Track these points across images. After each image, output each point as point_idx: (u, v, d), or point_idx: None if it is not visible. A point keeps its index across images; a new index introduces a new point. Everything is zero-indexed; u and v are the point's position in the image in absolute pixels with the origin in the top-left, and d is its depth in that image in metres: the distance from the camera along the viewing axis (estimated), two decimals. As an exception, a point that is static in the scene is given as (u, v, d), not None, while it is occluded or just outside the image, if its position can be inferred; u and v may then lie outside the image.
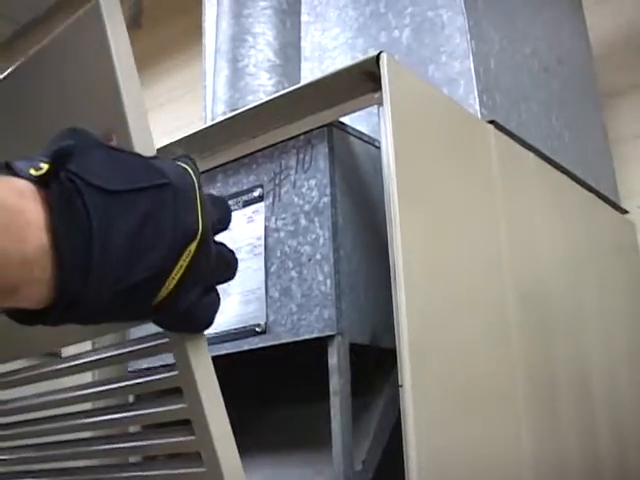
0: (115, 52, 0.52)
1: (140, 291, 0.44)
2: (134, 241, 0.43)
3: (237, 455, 0.53)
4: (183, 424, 0.55)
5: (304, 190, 0.97)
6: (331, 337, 0.89)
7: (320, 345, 0.91)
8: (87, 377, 0.72)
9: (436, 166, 0.99)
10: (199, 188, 0.47)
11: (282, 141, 1.02)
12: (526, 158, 1.24)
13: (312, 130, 0.98)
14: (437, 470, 0.84)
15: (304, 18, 1.34)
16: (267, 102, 1.02)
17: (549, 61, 1.48)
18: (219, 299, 0.51)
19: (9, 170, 0.43)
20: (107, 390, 0.64)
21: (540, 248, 1.22)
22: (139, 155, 0.48)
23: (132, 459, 0.73)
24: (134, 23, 3.40)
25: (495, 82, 1.22)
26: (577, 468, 1.17)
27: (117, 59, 0.52)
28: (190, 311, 0.48)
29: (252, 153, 1.05)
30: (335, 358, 0.89)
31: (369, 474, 0.93)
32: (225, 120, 1.07)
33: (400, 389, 0.83)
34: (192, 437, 0.54)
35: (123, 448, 0.63)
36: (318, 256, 0.93)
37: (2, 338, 0.70)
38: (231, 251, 0.52)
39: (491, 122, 1.15)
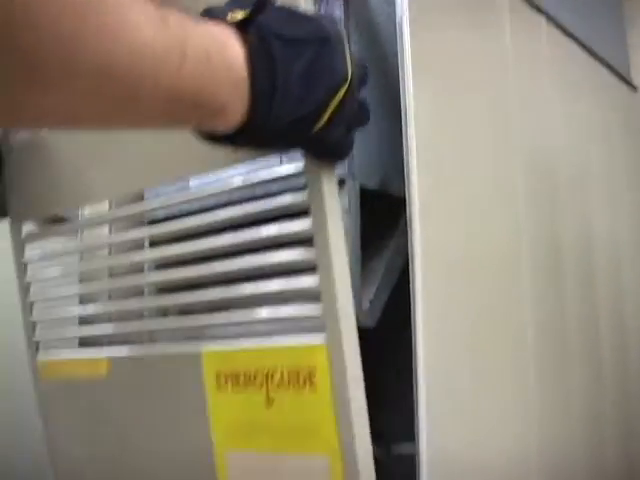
0: None
1: (305, 122, 0.54)
2: (303, 81, 0.52)
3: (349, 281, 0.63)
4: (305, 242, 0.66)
5: (319, 41, 0.98)
6: (342, 180, 0.93)
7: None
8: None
9: (449, 27, 1.00)
10: (348, 43, 0.56)
11: (298, -8, 1.03)
12: (539, 24, 1.24)
13: (327, -19, 0.99)
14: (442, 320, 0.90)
15: None
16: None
17: None
18: (354, 140, 0.61)
19: (208, 17, 0.51)
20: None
21: (549, 116, 1.24)
22: (302, 13, 0.56)
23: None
24: None
25: (509, -57, 1.21)
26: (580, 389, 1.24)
27: None
28: (336, 143, 0.59)
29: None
30: (346, 200, 0.93)
31: (376, 313, 0.98)
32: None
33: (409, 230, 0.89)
34: (312, 251, 0.64)
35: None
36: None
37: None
38: (368, 104, 0.62)
39: (505, -16, 1.15)
